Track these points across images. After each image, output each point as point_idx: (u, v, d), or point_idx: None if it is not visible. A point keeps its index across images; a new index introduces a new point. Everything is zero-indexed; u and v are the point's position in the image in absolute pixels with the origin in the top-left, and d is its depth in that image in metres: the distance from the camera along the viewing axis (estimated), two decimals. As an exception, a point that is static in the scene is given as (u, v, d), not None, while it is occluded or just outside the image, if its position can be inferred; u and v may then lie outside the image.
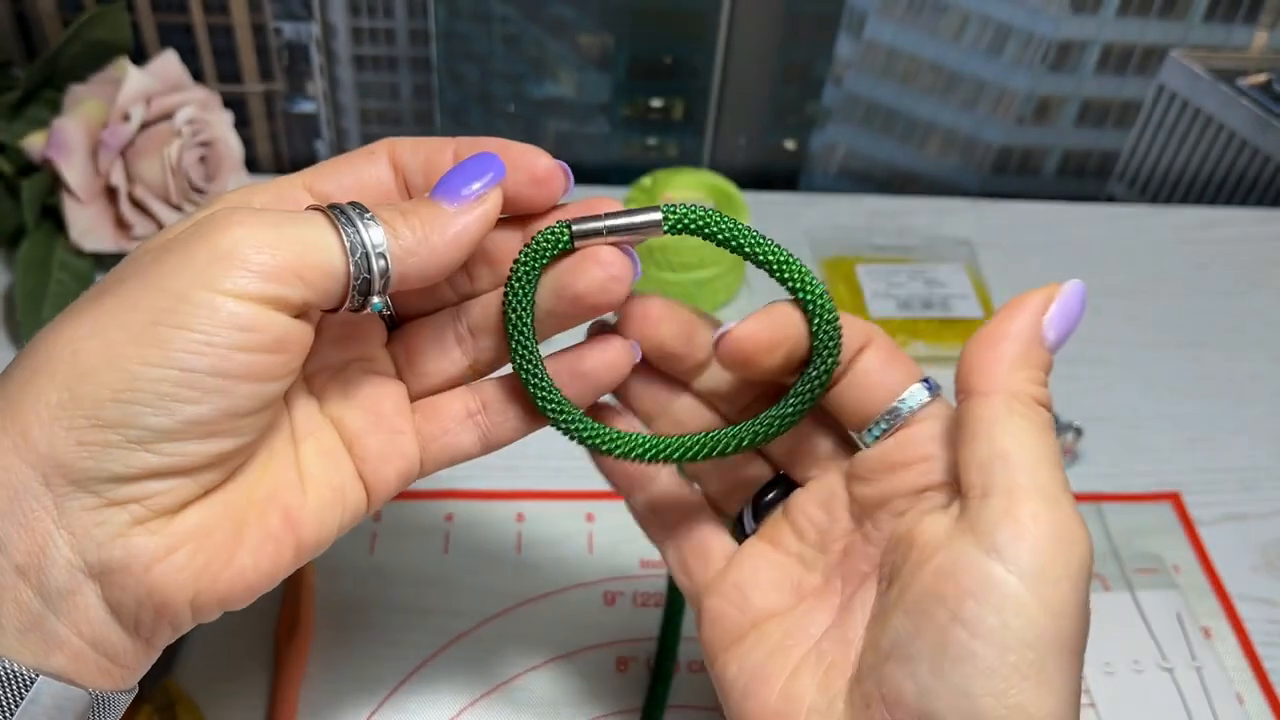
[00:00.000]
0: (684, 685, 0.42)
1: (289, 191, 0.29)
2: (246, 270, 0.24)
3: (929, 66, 0.67)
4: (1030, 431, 0.27)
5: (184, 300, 0.24)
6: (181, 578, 0.25)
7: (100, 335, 0.24)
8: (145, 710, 0.39)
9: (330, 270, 0.25)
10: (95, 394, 0.23)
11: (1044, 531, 0.25)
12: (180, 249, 0.25)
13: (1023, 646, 0.25)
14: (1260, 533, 0.49)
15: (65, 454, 0.23)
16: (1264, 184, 0.72)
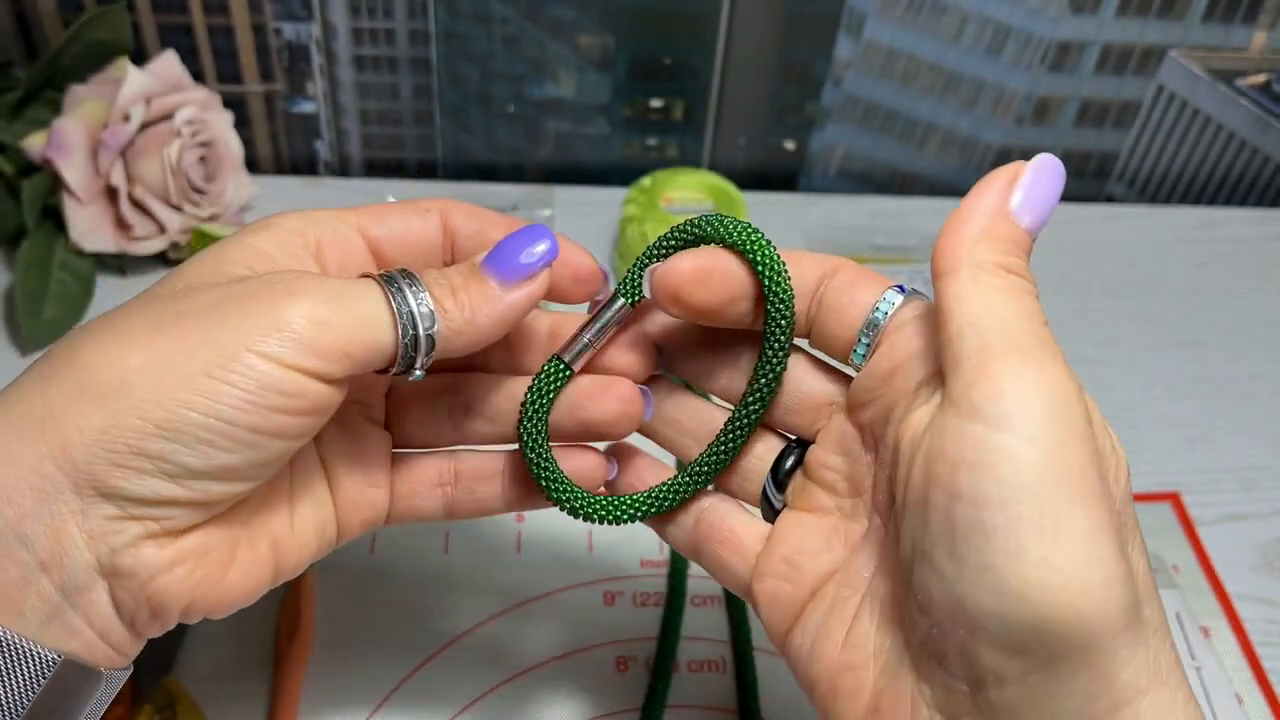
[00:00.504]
0: (684, 685, 0.42)
1: (343, 230, 0.31)
2: (300, 344, 0.26)
3: (928, 67, 0.67)
4: (998, 294, 0.25)
5: (237, 359, 0.25)
6: (179, 589, 0.27)
7: (153, 373, 0.25)
8: (146, 710, 0.39)
9: (380, 349, 0.27)
10: (140, 427, 0.25)
11: (1022, 379, 0.24)
12: (241, 304, 0.26)
13: (1027, 497, 0.23)
14: (1259, 533, 0.50)
15: (100, 472, 0.25)
16: (1263, 184, 0.72)
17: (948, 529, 0.24)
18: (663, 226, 0.56)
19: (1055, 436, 0.24)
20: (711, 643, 0.44)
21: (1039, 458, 0.23)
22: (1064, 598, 0.23)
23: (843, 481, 0.30)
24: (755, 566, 0.31)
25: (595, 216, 0.65)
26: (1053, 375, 0.24)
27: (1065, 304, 0.62)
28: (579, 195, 0.67)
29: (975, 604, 0.23)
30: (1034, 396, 0.24)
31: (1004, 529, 0.23)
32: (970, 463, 0.24)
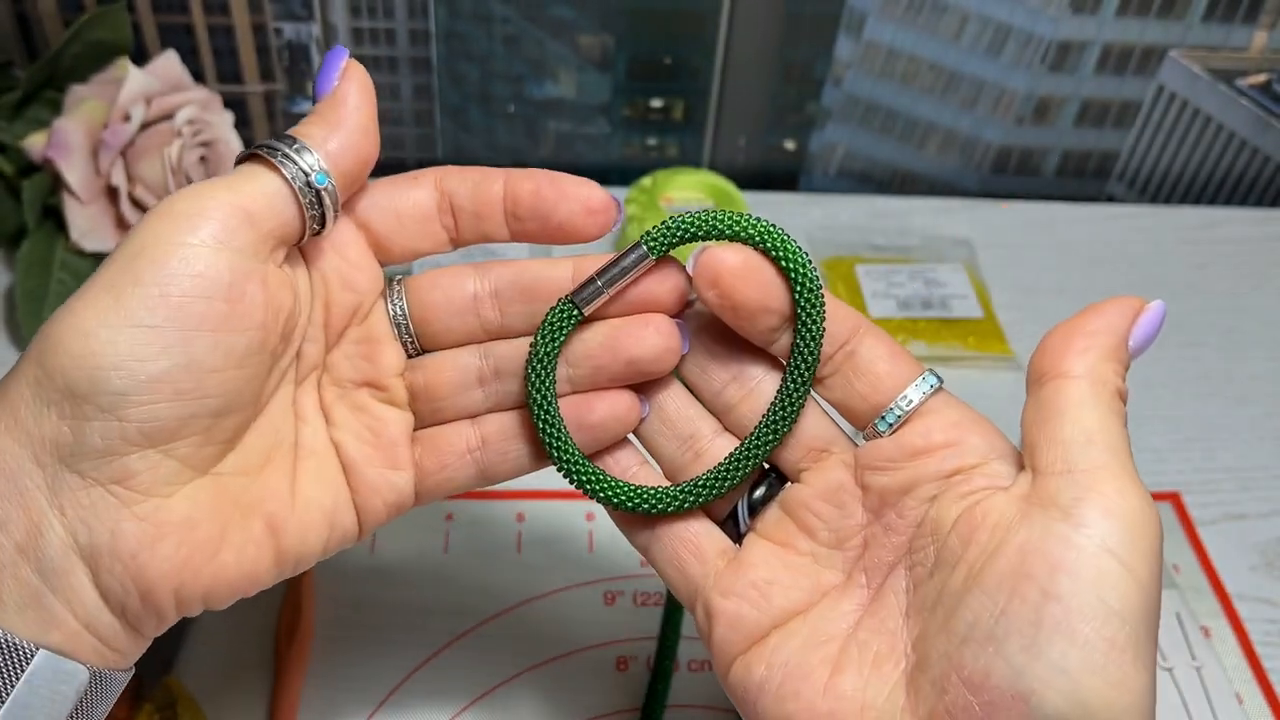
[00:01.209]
0: (684, 685, 0.42)
1: None
2: (197, 219, 0.25)
3: (928, 67, 0.67)
4: (1114, 417, 0.27)
5: (137, 258, 0.25)
6: (166, 567, 0.26)
7: (67, 309, 0.25)
8: (146, 709, 0.39)
9: (266, 192, 0.27)
10: (61, 363, 0.24)
11: (1130, 506, 0.25)
12: (141, 223, 0.26)
13: (1120, 621, 0.24)
14: (1259, 532, 0.50)
15: (48, 429, 0.24)
16: (1263, 184, 0.72)
17: (1032, 623, 0.25)
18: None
19: (1150, 572, 0.25)
20: (711, 642, 0.44)
21: (1136, 592, 0.25)
22: (1124, 718, 0.25)
23: (826, 530, 0.31)
24: (717, 582, 0.31)
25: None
26: (1151, 510, 0.26)
27: (1065, 304, 0.62)
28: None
29: (1040, 700, 0.25)
30: (1140, 527, 0.25)
31: (1092, 642, 0.24)
32: (1072, 570, 0.25)
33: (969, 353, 0.57)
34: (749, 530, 0.32)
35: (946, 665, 0.26)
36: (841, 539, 0.30)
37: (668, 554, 0.32)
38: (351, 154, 0.28)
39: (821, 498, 0.31)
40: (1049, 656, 0.25)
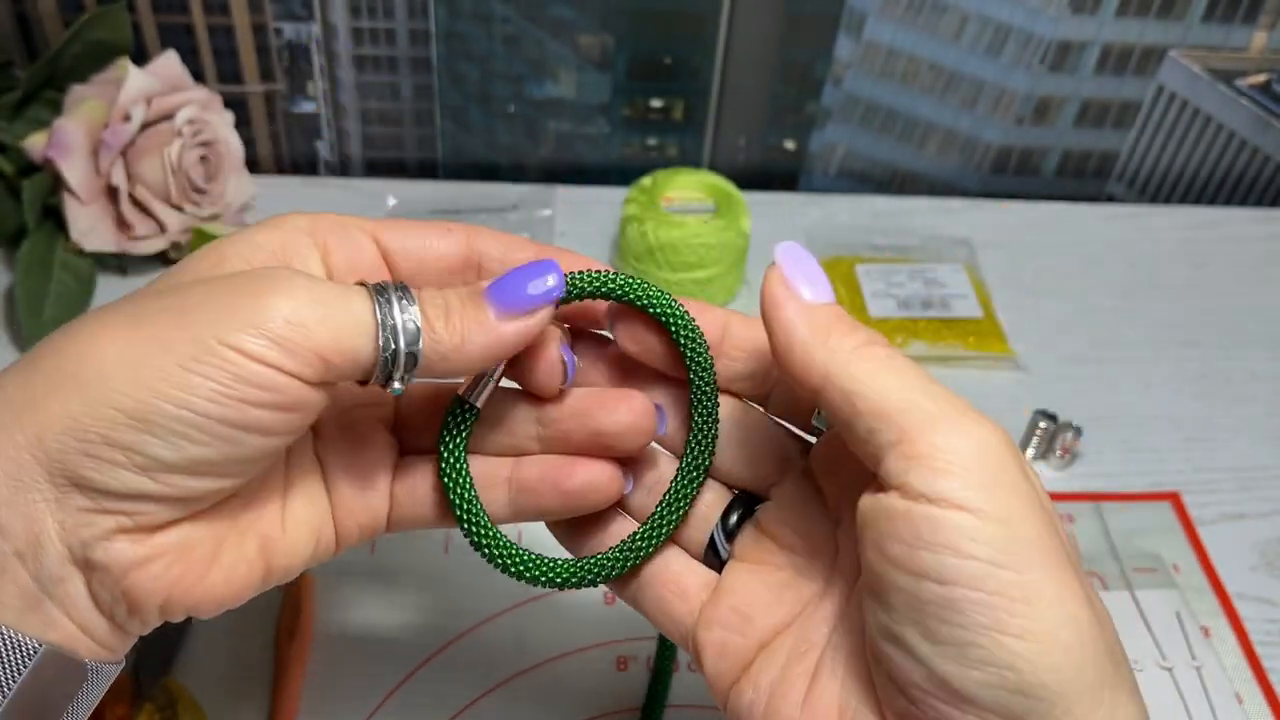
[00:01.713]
0: (684, 685, 0.42)
1: (354, 234, 0.30)
2: (275, 342, 0.25)
3: (928, 67, 0.67)
4: (864, 366, 0.26)
5: (210, 351, 0.25)
6: (155, 585, 0.26)
7: (129, 364, 0.25)
8: (147, 709, 0.39)
9: (356, 359, 0.26)
10: (112, 417, 0.24)
11: (948, 448, 0.24)
12: (225, 298, 0.26)
13: (995, 569, 0.23)
14: (1259, 532, 0.50)
15: (71, 461, 0.24)
16: (1263, 184, 0.72)
17: (917, 609, 0.24)
18: (663, 226, 0.56)
19: (1002, 503, 0.24)
20: (711, 642, 0.44)
21: (994, 529, 0.24)
22: (1048, 661, 0.23)
23: (799, 540, 0.30)
24: (701, 615, 0.30)
25: (595, 216, 0.65)
26: (976, 435, 0.25)
27: (1065, 304, 0.62)
28: (579, 195, 0.67)
29: (962, 680, 0.24)
30: (968, 465, 0.24)
31: (978, 604, 0.23)
32: (928, 542, 0.24)
33: (969, 352, 0.57)
34: (729, 557, 0.31)
35: (877, 668, 0.26)
36: (816, 547, 0.30)
37: (653, 600, 0.31)
38: (453, 369, 0.28)
39: (789, 509, 0.30)
40: (946, 635, 0.24)
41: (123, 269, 0.59)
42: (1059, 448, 0.51)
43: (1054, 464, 0.52)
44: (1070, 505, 0.50)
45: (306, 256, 0.29)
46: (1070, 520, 0.49)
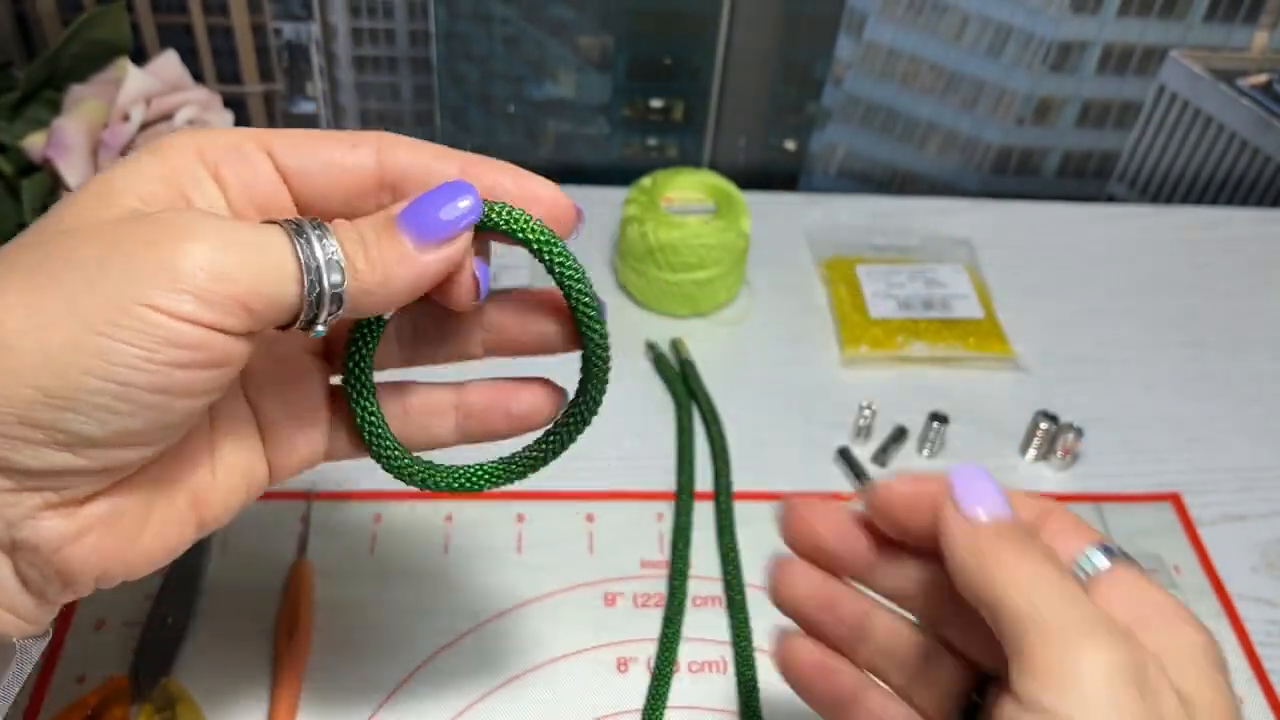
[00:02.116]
0: (684, 685, 0.42)
1: (249, 153, 0.27)
2: (196, 296, 0.23)
3: (929, 67, 0.67)
4: (1036, 579, 0.25)
5: (127, 313, 0.23)
6: (90, 558, 0.25)
7: (35, 334, 0.23)
8: (146, 710, 0.39)
9: (283, 304, 0.25)
10: (27, 396, 0.23)
11: (1081, 670, 0.23)
12: (131, 250, 0.23)
13: None
14: (1260, 533, 0.49)
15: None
16: (1264, 184, 0.72)
17: None
18: (663, 227, 0.56)
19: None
20: (712, 643, 0.44)
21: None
22: None
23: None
24: None
25: (596, 217, 0.65)
26: (1108, 658, 0.24)
27: (1066, 304, 0.62)
28: (579, 195, 0.66)
29: None
30: (1106, 683, 0.23)
31: None
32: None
33: (969, 353, 0.57)
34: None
35: None
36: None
37: None
38: (378, 306, 0.27)
39: None
40: None
41: (122, 269, 0.59)
42: (1060, 448, 0.51)
43: (1055, 465, 0.52)
44: (1071, 506, 0.49)
45: (201, 185, 0.27)
46: (1071, 521, 0.49)
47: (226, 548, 0.45)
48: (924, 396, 0.55)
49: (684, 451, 0.51)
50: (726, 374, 0.55)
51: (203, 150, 0.27)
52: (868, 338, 0.57)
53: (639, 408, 0.53)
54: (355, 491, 0.48)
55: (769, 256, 0.63)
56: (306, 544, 0.46)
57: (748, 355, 0.57)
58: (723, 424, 0.52)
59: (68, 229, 0.24)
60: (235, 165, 0.27)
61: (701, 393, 0.54)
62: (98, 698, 0.39)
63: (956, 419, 0.53)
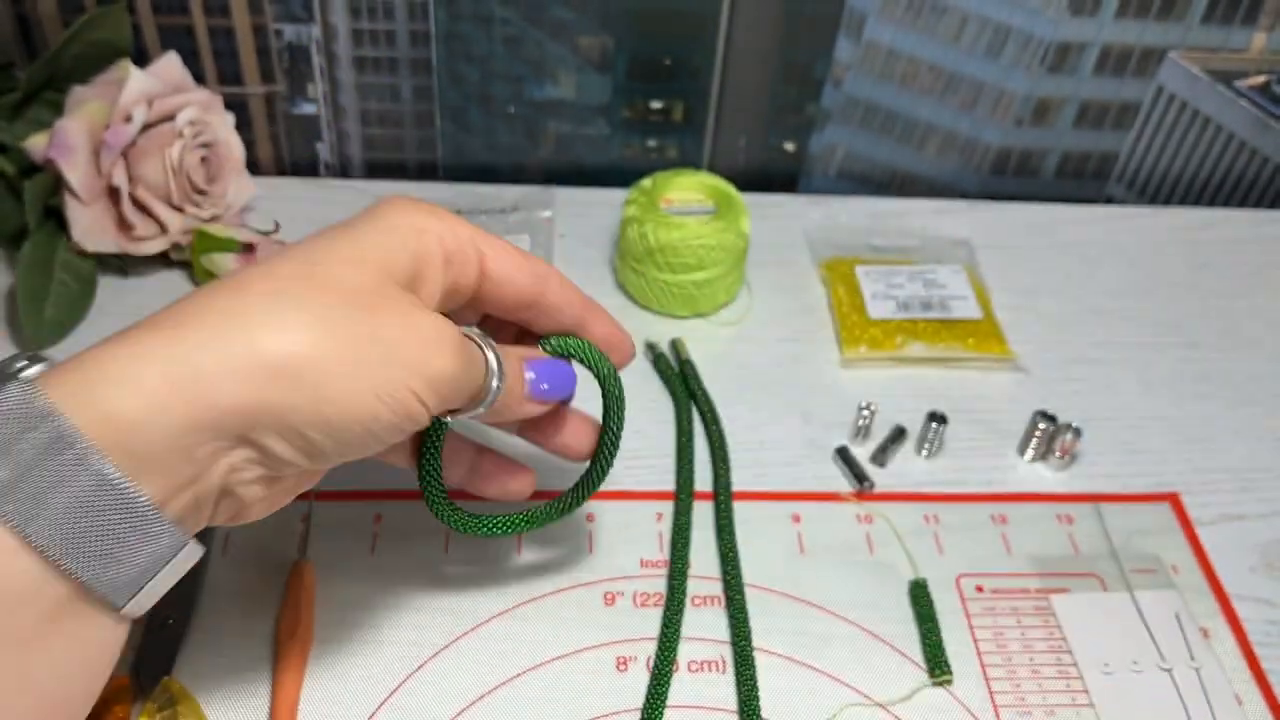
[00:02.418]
0: (684, 685, 0.42)
1: (469, 257, 0.36)
2: (438, 394, 0.32)
3: (928, 68, 0.67)
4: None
5: (398, 392, 0.31)
6: (259, 510, 0.33)
7: (331, 377, 0.30)
8: (147, 709, 0.39)
9: (469, 410, 0.35)
10: (316, 422, 0.30)
11: None
12: (403, 332, 0.32)
13: None
14: (1258, 533, 0.50)
15: (262, 436, 0.30)
16: (1262, 185, 0.72)
17: None
18: (663, 228, 0.56)
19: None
20: (711, 643, 0.44)
21: None
22: None
23: None
24: None
25: (595, 217, 0.65)
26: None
27: (1065, 304, 0.62)
28: (579, 196, 0.67)
29: None
30: None
31: None
32: None
33: (968, 354, 0.57)
34: None
35: None
36: None
37: None
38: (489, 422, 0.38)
39: None
40: None
41: (124, 270, 0.59)
42: (1058, 448, 0.51)
43: (1053, 465, 0.52)
44: (1069, 506, 0.50)
45: (434, 273, 0.34)
46: (1070, 521, 0.49)
47: (228, 547, 0.45)
48: (923, 397, 0.55)
49: (683, 451, 0.51)
50: (726, 374, 0.56)
51: (444, 241, 0.34)
52: (867, 338, 0.57)
53: (639, 408, 0.53)
54: (356, 491, 0.48)
55: (768, 257, 0.63)
56: (307, 544, 0.46)
57: (747, 356, 0.57)
58: (722, 424, 0.52)
59: (342, 283, 0.31)
60: (460, 264, 0.35)
61: (701, 393, 0.54)
62: (99, 697, 0.39)
63: (955, 419, 0.53)
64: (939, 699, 0.42)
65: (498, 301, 0.37)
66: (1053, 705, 0.42)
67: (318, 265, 0.31)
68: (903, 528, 0.48)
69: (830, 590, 0.46)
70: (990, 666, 0.43)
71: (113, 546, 0.28)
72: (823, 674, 0.43)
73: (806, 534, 0.48)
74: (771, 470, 0.51)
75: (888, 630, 0.44)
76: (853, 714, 0.41)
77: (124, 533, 0.28)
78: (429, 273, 0.34)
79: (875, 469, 0.51)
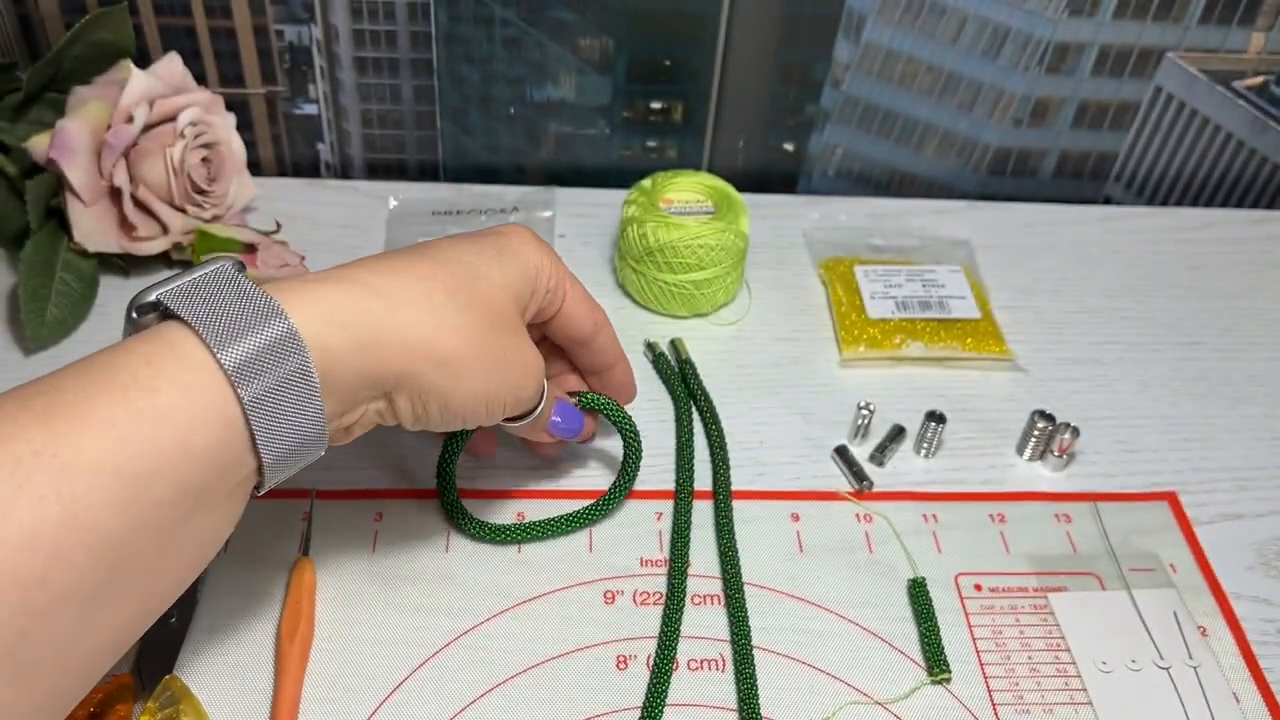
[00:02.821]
0: (684, 684, 0.42)
1: (556, 292, 0.43)
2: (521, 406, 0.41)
3: (927, 68, 0.67)
4: None
5: (502, 400, 0.39)
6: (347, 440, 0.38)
7: (473, 377, 0.38)
8: (149, 708, 0.39)
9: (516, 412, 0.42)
10: (456, 405, 0.38)
11: None
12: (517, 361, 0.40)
13: None
14: (1256, 532, 0.50)
15: (402, 400, 0.37)
16: (1260, 185, 0.72)
17: None
18: (663, 228, 0.56)
19: None
20: (711, 641, 0.44)
21: None
22: None
23: None
24: None
25: (595, 218, 0.65)
26: None
27: (1064, 304, 0.62)
28: (579, 197, 0.67)
29: None
30: None
31: None
32: None
33: (967, 354, 0.57)
34: None
35: None
36: None
37: None
38: (520, 437, 0.46)
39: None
40: None
41: (125, 270, 0.59)
42: (1056, 448, 0.51)
43: (1051, 464, 0.52)
44: (1068, 505, 0.50)
45: (533, 307, 0.42)
46: (1068, 520, 0.49)
47: (229, 546, 0.46)
48: (921, 396, 0.55)
49: (683, 451, 0.51)
50: (725, 374, 0.56)
51: (549, 279, 0.42)
52: (866, 338, 0.57)
53: (639, 407, 0.54)
54: (357, 490, 0.48)
55: (768, 257, 0.63)
56: (309, 542, 0.46)
57: (747, 355, 0.57)
58: (722, 423, 0.53)
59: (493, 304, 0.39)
60: (550, 301, 0.43)
61: (701, 392, 0.54)
62: (101, 695, 0.39)
63: (954, 418, 0.53)
64: (938, 697, 0.42)
65: (560, 333, 0.44)
66: (1051, 703, 0.42)
67: (479, 280, 0.38)
68: (901, 527, 0.49)
69: (829, 589, 0.46)
70: (989, 665, 0.43)
71: (297, 444, 0.33)
72: (822, 672, 0.43)
73: (806, 533, 0.48)
74: (771, 469, 0.51)
75: (886, 629, 0.44)
76: (852, 712, 0.42)
77: (305, 434, 0.33)
78: (532, 304, 0.41)
79: (874, 468, 0.51)
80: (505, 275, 0.39)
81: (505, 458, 0.51)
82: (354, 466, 0.50)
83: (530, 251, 0.41)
